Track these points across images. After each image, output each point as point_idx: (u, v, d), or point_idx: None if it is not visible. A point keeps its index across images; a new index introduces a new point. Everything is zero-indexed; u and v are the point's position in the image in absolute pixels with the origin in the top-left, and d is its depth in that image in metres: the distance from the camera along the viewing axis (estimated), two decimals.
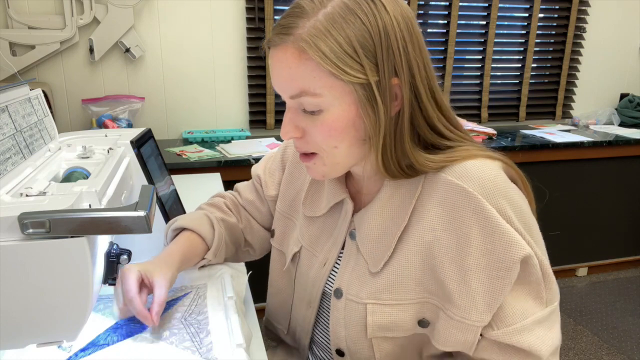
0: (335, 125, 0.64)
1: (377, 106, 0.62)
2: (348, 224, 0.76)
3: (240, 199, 0.99)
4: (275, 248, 0.91)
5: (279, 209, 0.91)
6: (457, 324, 0.65)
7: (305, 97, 0.63)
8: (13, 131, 0.67)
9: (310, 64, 0.61)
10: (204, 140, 2.25)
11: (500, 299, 0.63)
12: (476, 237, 0.63)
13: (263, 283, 0.96)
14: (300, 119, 0.66)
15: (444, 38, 2.62)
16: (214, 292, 0.84)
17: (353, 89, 0.61)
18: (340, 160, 0.68)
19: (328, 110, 0.63)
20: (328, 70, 0.60)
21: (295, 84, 0.63)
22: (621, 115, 2.93)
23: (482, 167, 0.64)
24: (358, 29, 0.60)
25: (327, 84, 0.61)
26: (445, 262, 0.65)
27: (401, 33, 0.61)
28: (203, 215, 0.90)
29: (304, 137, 0.67)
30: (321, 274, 0.79)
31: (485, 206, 0.62)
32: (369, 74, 0.61)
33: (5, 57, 1.95)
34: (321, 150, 0.67)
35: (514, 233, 0.62)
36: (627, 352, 2.16)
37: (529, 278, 0.64)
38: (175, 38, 2.24)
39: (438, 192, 0.66)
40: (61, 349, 0.69)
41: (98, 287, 0.58)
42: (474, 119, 2.75)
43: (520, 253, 0.61)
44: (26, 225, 0.47)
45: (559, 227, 2.64)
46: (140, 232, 0.50)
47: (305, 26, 0.60)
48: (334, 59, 0.60)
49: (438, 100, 0.66)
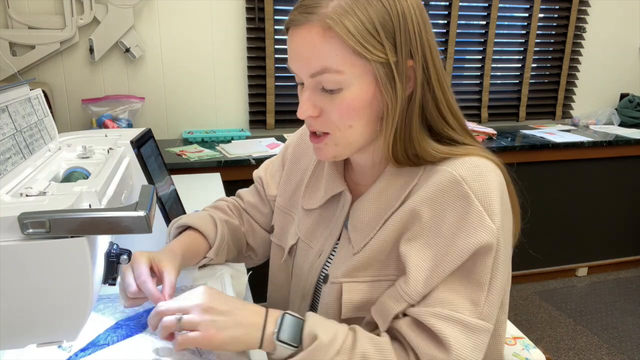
0: (354, 104, 0.66)
1: (395, 86, 0.65)
2: (345, 215, 0.77)
3: (242, 203, 1.01)
4: (275, 244, 0.92)
5: (279, 205, 0.93)
6: (394, 293, 0.66)
7: (327, 74, 0.65)
8: (13, 131, 0.67)
9: (334, 42, 0.63)
10: (204, 140, 2.25)
11: (437, 279, 0.63)
12: (450, 216, 0.64)
13: (263, 283, 0.96)
14: (318, 98, 0.68)
15: (444, 38, 2.62)
16: None
17: (373, 68, 0.64)
18: (353, 139, 0.70)
19: (348, 88, 0.65)
20: (352, 47, 0.63)
21: (318, 61, 0.65)
22: (621, 115, 2.93)
23: (479, 164, 0.66)
24: (379, 10, 0.63)
25: (349, 61, 0.64)
26: (413, 234, 0.67)
27: (417, 18, 0.65)
28: (207, 215, 0.91)
29: (321, 115, 0.69)
30: (316, 264, 0.80)
31: (469, 194, 0.63)
32: (389, 54, 0.64)
33: (5, 57, 1.95)
34: (335, 130, 0.69)
35: (487, 219, 0.62)
36: (627, 352, 2.16)
37: (473, 271, 0.63)
38: (175, 38, 2.24)
39: (431, 180, 0.67)
40: (61, 349, 0.69)
41: (98, 287, 0.58)
42: (474, 119, 2.75)
43: (482, 238, 0.62)
44: (26, 225, 0.47)
45: (559, 227, 2.64)
46: (140, 232, 0.50)
47: (330, 5, 0.63)
48: (358, 37, 0.62)
49: (444, 85, 0.69)
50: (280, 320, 0.65)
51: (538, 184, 2.52)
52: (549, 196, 2.56)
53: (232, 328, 0.63)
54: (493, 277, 0.64)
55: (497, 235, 0.63)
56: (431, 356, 0.61)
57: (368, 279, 0.71)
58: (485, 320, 0.64)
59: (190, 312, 0.63)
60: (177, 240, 0.86)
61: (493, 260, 0.63)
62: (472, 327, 0.63)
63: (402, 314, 0.66)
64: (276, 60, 2.33)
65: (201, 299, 0.64)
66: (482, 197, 0.63)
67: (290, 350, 0.63)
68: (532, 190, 2.47)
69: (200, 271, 0.90)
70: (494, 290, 0.64)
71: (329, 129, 0.69)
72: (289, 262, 0.88)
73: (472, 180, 0.64)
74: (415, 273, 0.64)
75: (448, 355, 0.61)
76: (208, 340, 0.62)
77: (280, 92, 2.40)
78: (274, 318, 0.65)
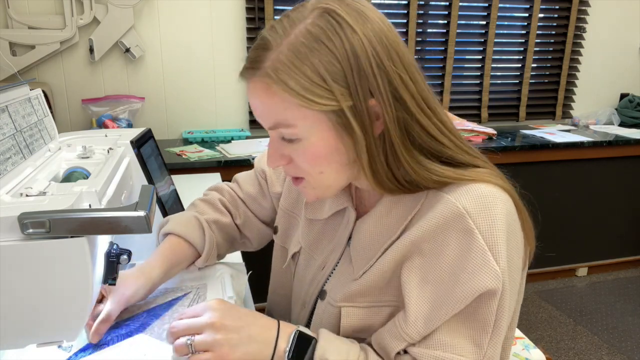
0: (317, 153, 0.63)
1: (353, 131, 0.60)
2: (349, 232, 0.75)
3: (239, 192, 0.97)
4: (278, 245, 0.91)
5: (283, 206, 0.90)
6: (395, 331, 0.64)
7: (281, 128, 0.62)
8: (13, 131, 0.67)
9: (278, 98, 0.60)
10: (204, 140, 2.25)
11: (438, 321, 0.61)
12: (451, 251, 0.61)
13: (263, 283, 0.96)
14: (283, 147, 0.65)
15: (444, 38, 2.62)
16: (214, 292, 0.84)
17: (326, 117, 0.60)
18: (329, 183, 0.67)
19: (306, 138, 0.62)
20: (296, 102, 0.59)
21: (269, 116, 0.63)
22: (621, 115, 2.93)
23: (486, 194, 0.61)
24: (324, 55, 0.58)
25: (299, 115, 0.60)
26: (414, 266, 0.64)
27: (374, 51, 0.59)
28: (193, 219, 0.88)
29: (291, 163, 0.66)
30: (318, 277, 0.79)
31: (473, 230, 0.59)
32: (341, 100, 0.58)
33: (5, 57, 1.95)
34: (308, 175, 0.67)
35: (492, 261, 0.58)
36: (627, 352, 2.16)
37: (476, 313, 0.60)
38: (175, 38, 2.24)
39: (434, 210, 0.63)
40: (61, 349, 0.69)
41: (98, 287, 0.58)
42: (474, 119, 2.75)
43: (486, 283, 0.58)
44: (26, 225, 0.47)
45: (559, 227, 2.64)
46: (140, 232, 0.50)
47: (270, 59, 0.59)
48: (300, 91, 0.58)
49: (432, 108, 0.63)
50: (293, 338, 0.64)
51: (538, 184, 2.52)
52: (549, 196, 2.56)
53: (244, 345, 0.63)
54: (498, 320, 0.60)
55: (503, 278, 0.59)
56: None
57: (367, 304, 0.69)
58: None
59: (202, 332, 0.63)
60: (158, 251, 0.84)
61: (498, 303, 0.60)
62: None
63: (403, 351, 0.65)
64: None
65: (213, 317, 0.64)
66: (487, 234, 0.59)
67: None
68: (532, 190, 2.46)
69: (201, 271, 0.90)
70: (498, 332, 0.61)
71: (302, 175, 0.67)
72: (291, 267, 0.87)
73: (477, 213, 0.60)
74: (415, 312, 0.62)
75: None
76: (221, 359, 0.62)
77: None
78: (286, 334, 0.65)
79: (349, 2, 0.61)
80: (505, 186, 0.64)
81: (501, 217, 0.60)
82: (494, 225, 0.59)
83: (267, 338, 0.64)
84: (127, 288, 0.76)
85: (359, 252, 0.71)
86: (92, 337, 0.69)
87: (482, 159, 0.68)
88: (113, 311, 0.72)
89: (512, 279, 0.61)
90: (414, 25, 2.53)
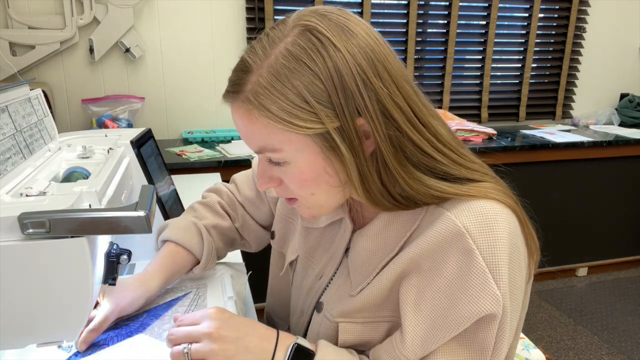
0: (305, 176, 0.61)
1: (341, 153, 0.57)
2: (346, 243, 0.74)
3: (238, 195, 0.96)
4: (276, 250, 0.90)
5: (280, 211, 0.89)
6: (391, 351, 0.63)
7: (267, 152, 0.60)
8: (13, 131, 0.67)
9: (260, 123, 0.57)
10: (204, 140, 2.25)
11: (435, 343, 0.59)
12: (450, 271, 0.59)
13: (263, 283, 0.96)
14: (272, 169, 0.64)
15: (444, 38, 2.62)
16: (214, 292, 0.84)
17: (312, 140, 0.57)
18: (322, 203, 0.65)
19: (293, 162, 0.60)
20: (279, 128, 0.57)
21: (253, 141, 0.61)
22: (621, 115, 2.93)
23: (487, 211, 0.59)
24: (306, 76, 0.55)
25: (283, 139, 0.58)
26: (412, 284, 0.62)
27: (359, 68, 0.56)
28: (191, 225, 0.88)
29: (281, 184, 0.65)
30: (315, 286, 0.78)
31: (473, 250, 0.57)
32: (326, 122, 0.56)
33: (5, 57, 1.95)
34: (300, 197, 0.65)
35: (492, 284, 0.56)
36: (627, 352, 2.16)
37: (475, 337, 0.59)
38: (175, 38, 2.24)
39: (433, 227, 0.61)
40: (61, 349, 0.69)
41: (98, 287, 0.58)
42: (474, 119, 2.75)
43: (485, 307, 0.56)
44: (26, 225, 0.47)
45: (559, 227, 2.64)
46: (140, 232, 0.50)
47: (251, 82, 0.57)
48: (282, 115, 0.56)
49: (424, 122, 0.60)
50: (290, 351, 0.63)
51: (538, 184, 2.52)
52: (549, 196, 2.56)
53: (241, 355, 0.62)
54: (498, 344, 0.59)
55: (503, 302, 0.57)
56: None
57: (365, 320, 0.69)
58: None
59: (199, 341, 0.63)
60: (157, 260, 0.84)
61: (498, 327, 0.58)
62: None
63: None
64: None
65: (211, 327, 0.63)
66: (487, 254, 0.57)
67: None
68: (532, 190, 2.47)
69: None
70: (498, 355, 0.59)
71: (294, 196, 0.65)
72: (289, 274, 0.86)
73: (478, 232, 0.57)
74: (412, 333, 0.61)
75: None
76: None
77: None
78: (285, 346, 0.64)
79: (332, 17, 0.58)
80: (508, 201, 0.62)
81: (503, 237, 0.58)
82: (496, 245, 0.57)
83: (265, 349, 0.63)
84: (122, 298, 0.75)
85: (357, 268, 0.70)
86: (80, 346, 0.69)
87: (482, 171, 0.65)
88: (104, 322, 0.72)
89: (513, 301, 0.59)
90: (414, 25, 2.53)
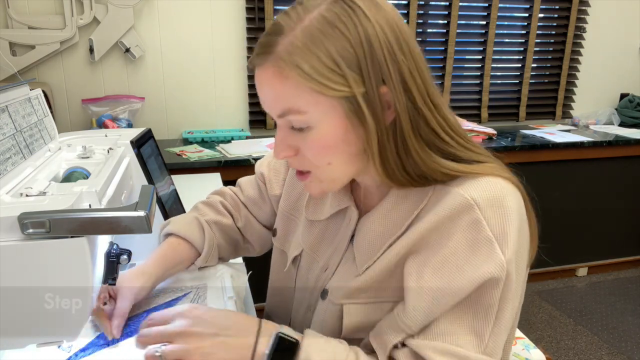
0: (326, 142, 0.61)
1: (365, 119, 0.59)
2: (352, 231, 0.74)
3: (241, 195, 0.97)
4: (277, 247, 0.90)
5: (282, 208, 0.89)
6: (393, 322, 0.63)
7: (291, 115, 0.61)
8: (13, 131, 0.67)
9: (291, 83, 0.58)
10: (204, 140, 2.25)
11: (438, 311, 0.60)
12: (456, 242, 0.59)
13: (263, 283, 0.96)
14: (291, 137, 0.64)
15: (444, 38, 2.62)
16: (214, 292, 0.84)
17: (339, 103, 0.59)
18: (336, 176, 0.66)
19: (316, 127, 0.61)
20: (310, 87, 0.58)
21: (279, 103, 0.61)
22: (621, 115, 2.93)
23: (496, 186, 0.60)
24: (338, 40, 0.57)
25: (311, 100, 0.59)
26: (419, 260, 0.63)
27: (386, 39, 0.58)
28: (194, 219, 0.89)
29: (297, 155, 0.65)
30: (321, 279, 0.78)
31: (481, 221, 0.58)
32: (354, 86, 0.58)
33: (5, 57, 1.95)
34: (315, 168, 0.65)
35: (498, 251, 0.57)
36: (627, 352, 2.16)
37: (478, 302, 0.59)
38: (175, 38, 2.24)
39: (441, 203, 0.62)
40: (61, 349, 0.69)
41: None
42: (474, 119, 2.75)
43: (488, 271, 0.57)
44: (26, 225, 0.47)
45: (559, 227, 2.64)
46: (140, 232, 0.50)
47: (282, 43, 0.58)
48: (314, 76, 0.57)
49: (436, 103, 0.63)
50: (273, 342, 0.61)
51: (538, 184, 2.51)
52: (549, 196, 2.56)
53: (218, 352, 0.60)
54: (501, 310, 0.59)
55: (507, 268, 0.58)
56: None
57: (369, 300, 0.68)
58: (490, 355, 0.59)
59: (172, 341, 0.61)
60: (157, 251, 0.84)
61: (501, 293, 0.58)
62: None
63: (401, 344, 0.63)
64: None
65: (183, 325, 0.61)
66: (495, 226, 0.58)
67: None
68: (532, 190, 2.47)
69: (201, 271, 0.90)
70: (501, 323, 0.59)
71: (308, 167, 0.66)
72: (292, 271, 0.85)
73: (487, 205, 0.59)
74: (415, 302, 0.61)
75: None
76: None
77: None
78: (266, 338, 0.62)
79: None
80: (514, 181, 0.64)
81: (512, 210, 0.59)
82: (504, 218, 0.58)
83: (244, 343, 0.61)
84: (132, 286, 0.76)
85: (363, 248, 0.70)
86: (116, 332, 0.71)
87: (486, 154, 0.67)
88: (125, 307, 0.74)
89: (518, 271, 0.60)
90: (414, 25, 2.53)
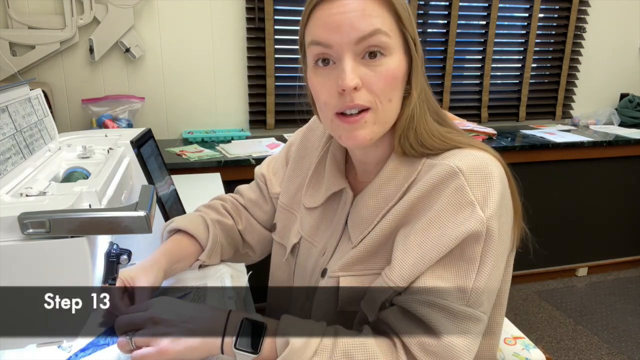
0: (395, 73, 0.67)
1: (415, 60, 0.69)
2: (347, 213, 0.77)
3: (241, 199, 0.99)
4: (277, 242, 0.92)
5: (281, 203, 0.92)
6: (380, 281, 0.66)
7: (377, 35, 0.65)
8: (13, 131, 0.67)
9: (386, 6, 0.66)
10: (204, 140, 2.25)
11: (422, 267, 0.63)
12: (440, 205, 0.64)
13: (263, 283, 0.96)
14: (360, 68, 0.66)
15: (444, 38, 2.62)
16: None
17: (404, 41, 0.68)
18: (389, 117, 0.70)
19: (391, 56, 0.67)
20: (397, 15, 0.66)
21: (369, 23, 0.65)
22: (621, 115, 2.93)
23: (480, 157, 0.66)
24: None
25: (393, 29, 0.66)
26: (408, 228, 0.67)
27: (407, 6, 0.69)
28: (198, 217, 0.91)
29: (361, 89, 0.67)
30: (320, 263, 0.80)
31: (464, 186, 0.63)
32: (410, 31, 0.68)
33: (5, 57, 1.95)
34: (377, 104, 0.67)
35: (478, 209, 0.62)
36: (627, 352, 2.16)
37: (461, 258, 0.63)
38: (175, 38, 2.24)
39: (430, 174, 0.67)
40: (61, 349, 0.69)
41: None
42: (474, 119, 2.75)
43: (469, 227, 0.61)
44: (26, 225, 0.47)
45: (559, 227, 2.64)
46: (140, 232, 0.50)
47: None
48: (400, 10, 0.66)
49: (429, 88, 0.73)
50: (239, 327, 0.63)
51: (538, 184, 2.52)
52: (549, 196, 2.56)
53: (186, 338, 0.63)
54: (482, 265, 0.63)
55: (487, 224, 0.62)
56: (420, 342, 0.61)
57: (364, 272, 0.71)
58: (473, 307, 0.63)
59: (143, 327, 0.63)
60: (163, 246, 0.85)
61: (482, 248, 0.63)
62: (458, 314, 0.61)
63: (389, 304, 0.65)
64: (276, 60, 2.33)
65: (153, 312, 0.64)
66: (477, 190, 0.63)
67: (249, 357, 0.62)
68: (532, 190, 2.47)
69: (200, 271, 0.90)
70: (482, 277, 0.63)
71: (370, 103, 0.67)
72: (291, 261, 0.87)
73: (470, 172, 0.64)
74: (401, 259, 0.65)
75: (438, 340, 0.60)
76: (163, 354, 0.62)
77: (280, 92, 2.39)
78: (234, 324, 0.64)
79: None
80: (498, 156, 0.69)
81: (495, 177, 0.64)
82: (487, 183, 0.64)
83: (213, 329, 0.64)
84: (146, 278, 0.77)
85: (358, 223, 0.74)
86: None
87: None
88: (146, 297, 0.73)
89: (501, 231, 0.64)
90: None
